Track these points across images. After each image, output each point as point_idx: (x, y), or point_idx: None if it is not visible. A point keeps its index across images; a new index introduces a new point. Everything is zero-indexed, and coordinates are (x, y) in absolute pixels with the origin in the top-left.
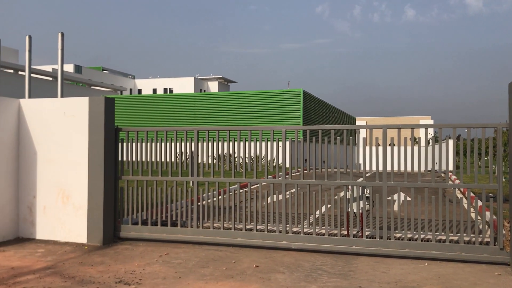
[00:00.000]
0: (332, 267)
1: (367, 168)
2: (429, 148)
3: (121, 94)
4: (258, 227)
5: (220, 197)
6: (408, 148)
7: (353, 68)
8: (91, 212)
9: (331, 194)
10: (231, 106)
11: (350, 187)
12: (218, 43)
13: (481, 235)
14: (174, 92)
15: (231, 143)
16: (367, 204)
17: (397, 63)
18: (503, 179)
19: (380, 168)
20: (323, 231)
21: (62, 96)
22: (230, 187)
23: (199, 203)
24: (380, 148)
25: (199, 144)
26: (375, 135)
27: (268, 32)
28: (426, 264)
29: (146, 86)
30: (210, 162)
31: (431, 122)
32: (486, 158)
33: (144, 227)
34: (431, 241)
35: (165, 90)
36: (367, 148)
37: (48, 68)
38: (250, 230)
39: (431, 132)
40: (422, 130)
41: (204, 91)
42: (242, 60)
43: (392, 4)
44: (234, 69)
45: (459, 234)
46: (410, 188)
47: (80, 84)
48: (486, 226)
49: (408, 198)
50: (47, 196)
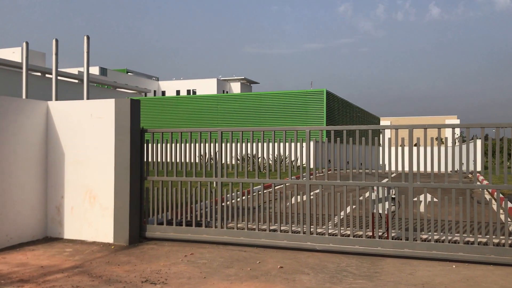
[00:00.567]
0: (357, 268)
1: (392, 168)
2: (456, 148)
3: (145, 96)
4: (282, 228)
5: (243, 197)
6: (435, 148)
7: (376, 67)
8: (118, 212)
9: (356, 195)
10: (253, 107)
11: (375, 188)
12: (240, 44)
13: (511, 237)
14: (197, 93)
15: (254, 144)
16: (392, 205)
17: (421, 62)
18: None
19: (406, 168)
20: (348, 232)
21: (88, 98)
22: (253, 188)
23: (223, 204)
24: (406, 149)
25: (223, 145)
26: (401, 135)
27: (290, 33)
28: (454, 266)
29: (170, 87)
30: (233, 163)
31: (457, 121)
32: None
33: (169, 227)
34: (458, 243)
35: (188, 91)
36: (392, 149)
37: (74, 71)
38: (274, 231)
39: (457, 132)
40: (449, 130)
41: (226, 92)
42: (264, 60)
43: (417, 3)
44: (256, 70)
45: (488, 236)
46: (436, 189)
47: (106, 86)
48: None
49: (435, 199)
50: (75, 197)
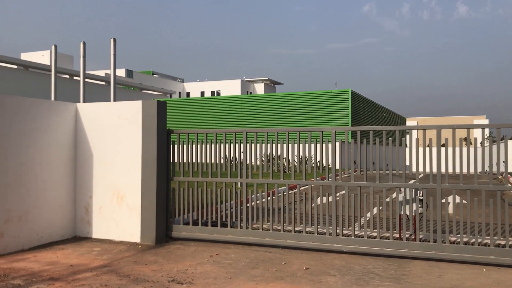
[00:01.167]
0: (384, 270)
1: (420, 169)
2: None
3: (170, 97)
4: (308, 229)
5: (268, 198)
6: (464, 149)
7: (402, 67)
8: (144, 212)
9: (382, 196)
10: (277, 108)
11: (402, 189)
12: (264, 44)
13: None
14: (221, 94)
15: (279, 145)
16: (420, 207)
17: (448, 61)
18: None
19: (434, 169)
20: (375, 234)
21: (114, 100)
22: (278, 189)
23: (248, 204)
24: (434, 149)
25: (248, 145)
26: (428, 135)
27: (314, 33)
28: (484, 269)
29: (194, 89)
30: (258, 163)
31: (486, 121)
32: None
33: (195, 227)
34: (489, 245)
35: (212, 92)
36: (420, 149)
37: (101, 73)
38: (300, 232)
39: (486, 132)
40: (477, 131)
41: (250, 93)
42: (288, 61)
43: (443, 1)
44: (280, 70)
45: None
46: (465, 191)
47: (132, 88)
48: None
49: (464, 201)
50: (103, 197)
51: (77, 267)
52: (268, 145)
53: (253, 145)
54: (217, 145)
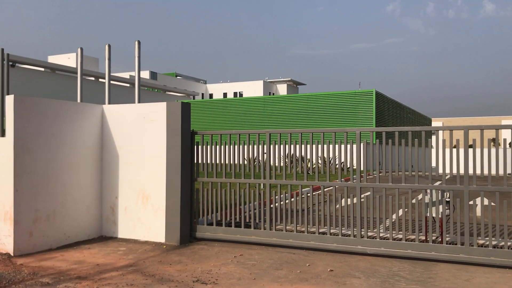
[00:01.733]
0: (410, 273)
1: (447, 170)
2: None
3: (193, 98)
4: (332, 231)
5: (292, 199)
6: (492, 150)
7: (426, 66)
8: (169, 212)
9: (408, 198)
10: (300, 109)
11: (428, 191)
12: (286, 45)
13: None
14: (244, 95)
15: (303, 146)
16: (447, 209)
17: (474, 60)
18: None
19: (461, 171)
20: (400, 236)
21: (139, 101)
22: (302, 190)
23: (271, 206)
24: (461, 150)
25: (271, 146)
26: (455, 136)
27: (337, 33)
28: None
29: (217, 90)
30: (282, 164)
31: None
32: None
33: (219, 228)
34: None
35: (235, 93)
36: (447, 150)
37: (125, 75)
38: (324, 233)
39: None
40: (506, 131)
41: (273, 94)
42: (311, 61)
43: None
44: (303, 71)
45: None
46: (494, 193)
47: (156, 90)
48: None
49: (492, 203)
50: (128, 197)
51: (103, 266)
52: (292, 146)
53: (276, 146)
54: (240, 146)
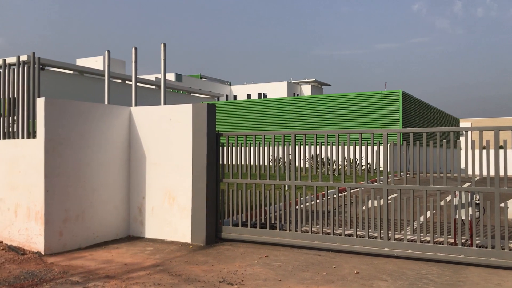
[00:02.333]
0: (438, 276)
1: (476, 172)
2: None
3: (218, 100)
4: (358, 233)
5: (318, 201)
6: None
7: (454, 66)
8: (195, 213)
9: (436, 199)
10: (325, 109)
11: (457, 192)
12: (311, 46)
13: None
14: (268, 96)
15: (328, 147)
16: (476, 211)
17: (503, 59)
18: None
19: (492, 172)
20: (428, 238)
21: (165, 103)
22: (328, 191)
23: (296, 207)
24: (491, 151)
25: (296, 147)
26: (485, 137)
27: (362, 33)
28: None
29: (241, 91)
30: (307, 166)
31: None
32: None
33: (244, 229)
34: None
35: (259, 95)
36: (476, 151)
37: (151, 77)
38: (350, 235)
39: None
40: None
41: (297, 95)
42: (335, 62)
43: None
44: (328, 71)
45: None
46: None
47: (181, 92)
48: None
49: None
50: (155, 197)
51: (131, 265)
52: (317, 147)
53: (301, 147)
54: (265, 147)
